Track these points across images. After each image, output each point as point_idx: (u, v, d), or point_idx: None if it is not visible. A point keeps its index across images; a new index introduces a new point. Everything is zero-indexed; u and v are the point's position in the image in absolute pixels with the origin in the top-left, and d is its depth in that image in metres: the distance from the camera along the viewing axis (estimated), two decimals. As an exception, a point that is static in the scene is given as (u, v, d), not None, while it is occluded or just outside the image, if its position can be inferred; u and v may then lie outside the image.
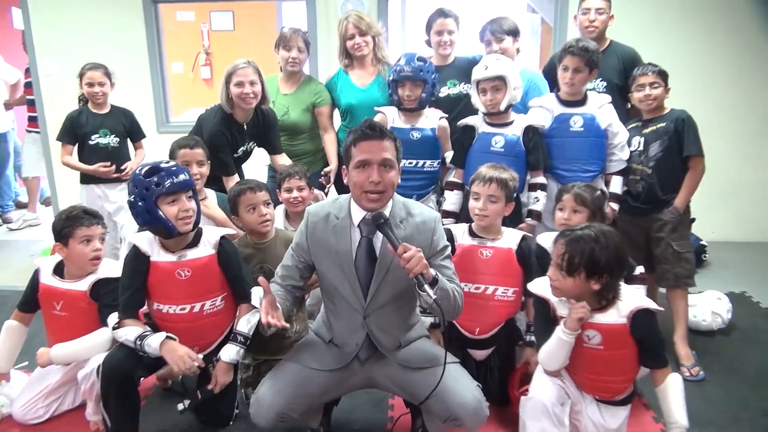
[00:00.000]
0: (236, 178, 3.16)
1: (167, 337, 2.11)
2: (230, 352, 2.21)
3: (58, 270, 2.42)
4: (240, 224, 2.59)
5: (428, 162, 3.07)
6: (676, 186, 2.94)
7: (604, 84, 3.24)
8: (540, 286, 2.06)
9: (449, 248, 2.04)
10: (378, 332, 2.02)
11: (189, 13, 5.76)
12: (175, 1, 5.16)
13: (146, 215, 2.10)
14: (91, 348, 2.30)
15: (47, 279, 2.40)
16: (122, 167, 3.71)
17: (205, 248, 2.25)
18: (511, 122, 2.90)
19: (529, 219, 2.84)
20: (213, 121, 3.12)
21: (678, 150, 2.88)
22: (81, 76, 3.63)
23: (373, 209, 1.91)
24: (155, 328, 2.19)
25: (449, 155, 3.09)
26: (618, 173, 2.99)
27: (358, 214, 1.96)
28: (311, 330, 2.22)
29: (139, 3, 4.92)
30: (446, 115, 3.10)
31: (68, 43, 5.03)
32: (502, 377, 2.47)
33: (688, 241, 3.04)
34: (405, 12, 5.84)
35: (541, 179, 2.88)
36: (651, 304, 1.93)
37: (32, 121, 5.35)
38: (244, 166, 3.42)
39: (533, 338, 2.36)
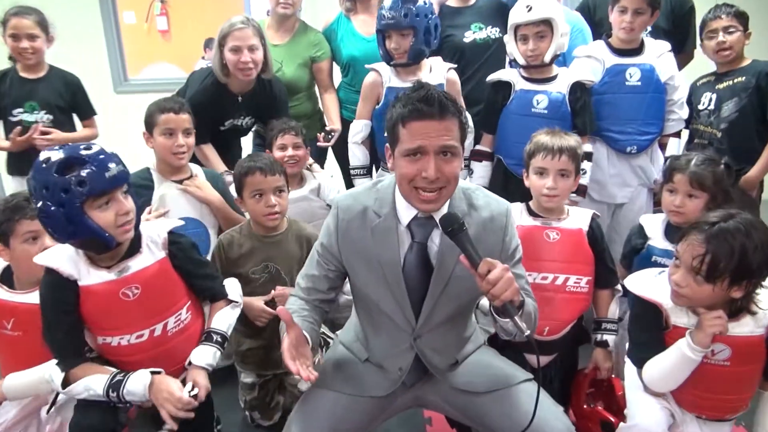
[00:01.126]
0: (208, 150, 2.82)
1: (151, 372, 1.72)
2: (204, 355, 1.84)
3: (6, 278, 1.96)
4: (244, 208, 2.24)
5: None
6: (752, 156, 2.61)
7: (648, 29, 2.86)
8: (644, 286, 1.73)
9: (521, 249, 1.71)
10: (431, 354, 1.71)
11: None
12: None
13: (68, 227, 1.61)
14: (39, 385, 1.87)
15: None
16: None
17: (152, 252, 1.81)
18: (555, 77, 2.56)
19: (574, 194, 2.49)
20: (199, 87, 2.76)
21: (759, 111, 2.57)
22: (4, 24, 2.81)
23: (427, 211, 1.56)
24: (108, 364, 1.79)
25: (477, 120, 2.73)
26: (675, 134, 2.74)
27: (406, 213, 1.60)
28: (339, 341, 1.88)
29: None
30: (454, 66, 2.72)
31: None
32: (564, 386, 2.18)
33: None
34: None
35: (587, 147, 2.55)
36: None
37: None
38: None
39: (604, 336, 2.10)
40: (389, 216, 1.60)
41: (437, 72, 2.66)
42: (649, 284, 1.72)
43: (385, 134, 1.59)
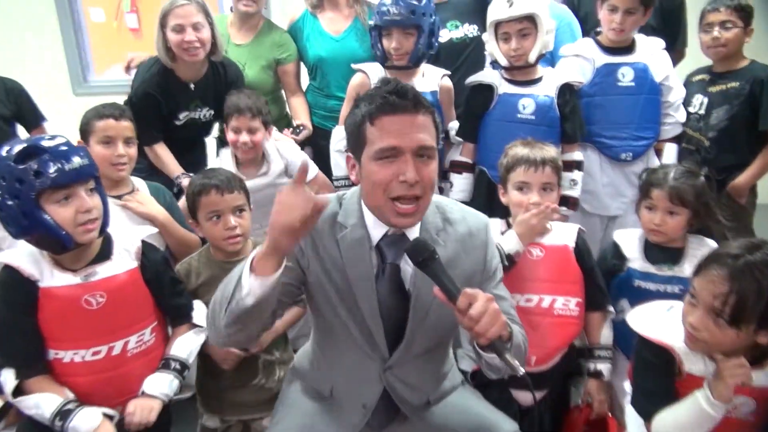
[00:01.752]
0: (160, 150, 2.61)
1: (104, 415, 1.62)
2: (159, 384, 1.72)
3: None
4: (200, 232, 2.02)
5: None
6: (740, 167, 2.49)
7: None
8: (652, 326, 1.53)
9: (501, 268, 1.55)
10: (402, 389, 1.51)
11: None
12: None
13: (22, 221, 1.55)
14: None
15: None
16: None
17: (123, 260, 1.73)
18: (540, 79, 2.40)
19: (564, 208, 2.34)
20: (146, 76, 2.56)
21: (750, 121, 2.44)
22: None
23: (404, 226, 1.38)
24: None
25: (454, 126, 2.56)
26: (673, 140, 2.58)
27: (375, 230, 1.42)
28: (294, 373, 1.72)
29: None
30: (448, 73, 2.55)
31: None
32: (556, 425, 2.01)
33: (749, 234, 2.58)
34: None
35: (577, 155, 2.43)
36: None
37: None
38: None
39: (598, 365, 1.94)
40: (356, 227, 1.41)
41: (430, 78, 2.50)
42: (658, 323, 1.52)
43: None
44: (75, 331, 1.65)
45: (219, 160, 2.52)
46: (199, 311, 1.85)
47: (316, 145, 2.84)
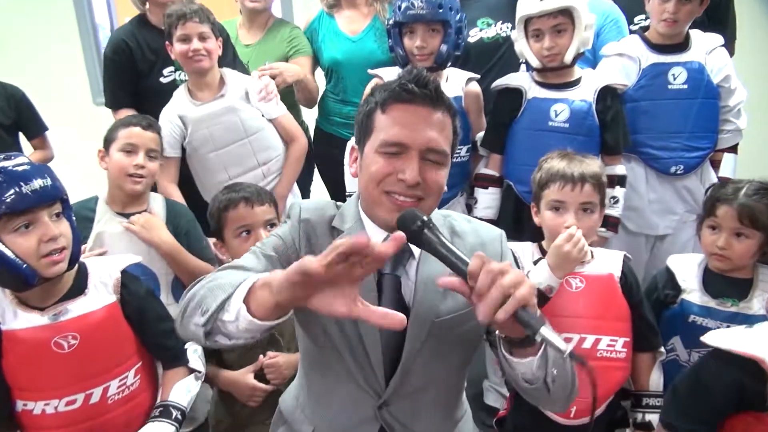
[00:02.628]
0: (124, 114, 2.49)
1: None
2: None
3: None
4: (226, 253, 1.94)
5: None
6: None
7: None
8: (738, 340, 1.37)
9: None
10: (401, 430, 1.31)
11: None
12: None
13: None
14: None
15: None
16: None
17: (99, 295, 1.61)
18: (578, 81, 2.23)
19: (603, 229, 2.17)
20: (122, 27, 2.57)
21: None
22: None
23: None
24: None
25: (482, 137, 2.41)
26: (731, 149, 2.37)
27: (374, 234, 1.27)
28: (283, 416, 1.52)
29: None
30: (477, 77, 2.40)
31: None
32: None
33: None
34: None
35: (620, 169, 2.25)
36: None
37: None
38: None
39: (647, 416, 1.75)
40: (354, 230, 1.29)
41: (455, 82, 2.36)
42: (739, 338, 1.37)
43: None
44: (45, 378, 1.53)
45: (174, 106, 2.39)
46: (194, 353, 1.75)
47: (329, 154, 2.74)
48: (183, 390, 1.68)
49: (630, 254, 1.86)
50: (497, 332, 1.07)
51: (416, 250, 1.25)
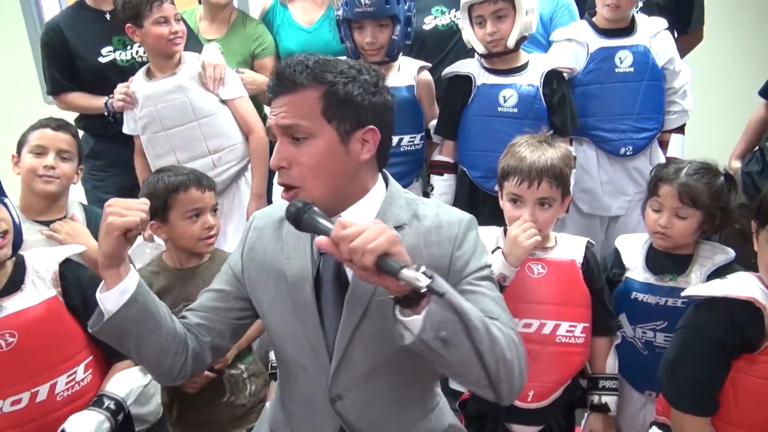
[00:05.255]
0: (71, 97, 2.60)
1: None
2: (85, 423, 1.56)
3: None
4: (164, 234, 1.95)
5: (406, 137, 2.40)
6: None
7: (639, 4, 2.62)
8: (730, 285, 1.46)
9: (489, 269, 1.34)
10: (362, 426, 1.34)
11: None
12: None
13: None
14: None
15: None
16: None
17: (38, 289, 1.61)
18: (524, 66, 2.31)
19: None
20: (57, 15, 2.62)
21: None
22: None
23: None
24: None
25: (435, 124, 2.50)
26: (678, 130, 2.50)
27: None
28: (266, 416, 1.58)
29: None
30: (428, 65, 2.49)
31: None
32: None
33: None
34: None
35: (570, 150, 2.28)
36: None
37: None
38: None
39: (603, 398, 1.82)
40: None
41: (407, 71, 2.43)
42: (737, 283, 1.45)
43: None
44: None
45: (133, 84, 2.43)
46: None
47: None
48: (122, 381, 1.68)
49: (586, 236, 1.94)
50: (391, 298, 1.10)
51: None
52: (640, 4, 2.59)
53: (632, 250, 1.88)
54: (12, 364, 1.53)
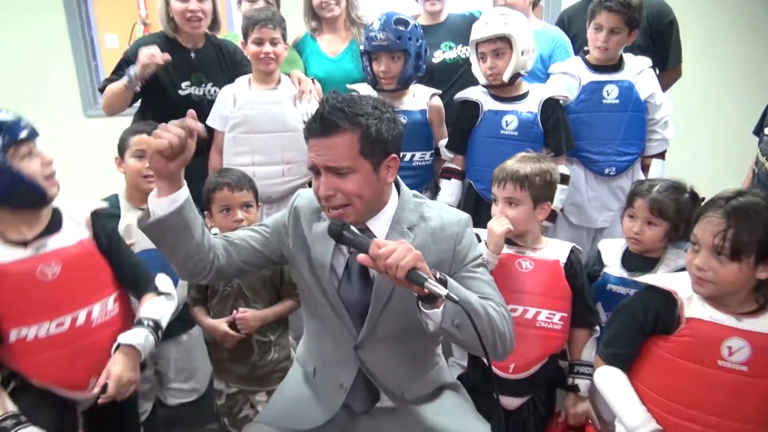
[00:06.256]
0: (108, 89, 2.75)
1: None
2: (135, 336, 1.86)
3: None
4: (211, 223, 2.30)
5: (418, 154, 2.72)
6: None
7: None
8: (658, 277, 1.81)
9: (482, 258, 1.70)
10: (376, 370, 1.70)
11: None
12: None
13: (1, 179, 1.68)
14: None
15: None
16: None
17: (73, 230, 1.85)
18: (525, 95, 2.62)
19: (545, 221, 2.52)
20: (145, 39, 2.81)
21: None
22: None
23: None
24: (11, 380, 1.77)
25: (445, 144, 2.79)
26: (659, 155, 2.78)
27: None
28: (296, 361, 1.95)
29: None
30: (439, 92, 2.78)
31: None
32: (538, 429, 2.17)
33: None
34: None
35: (562, 169, 2.59)
36: None
37: None
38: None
39: (576, 380, 2.10)
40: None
41: (420, 97, 2.73)
42: (666, 277, 1.78)
43: None
44: (35, 303, 1.73)
45: (233, 86, 2.75)
46: (163, 280, 2.03)
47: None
48: (153, 307, 1.93)
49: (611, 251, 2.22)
50: (415, 294, 1.41)
51: (379, 234, 1.60)
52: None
53: (611, 251, 2.18)
54: (58, 291, 1.75)
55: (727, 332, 1.59)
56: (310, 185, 2.82)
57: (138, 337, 1.84)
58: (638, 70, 2.67)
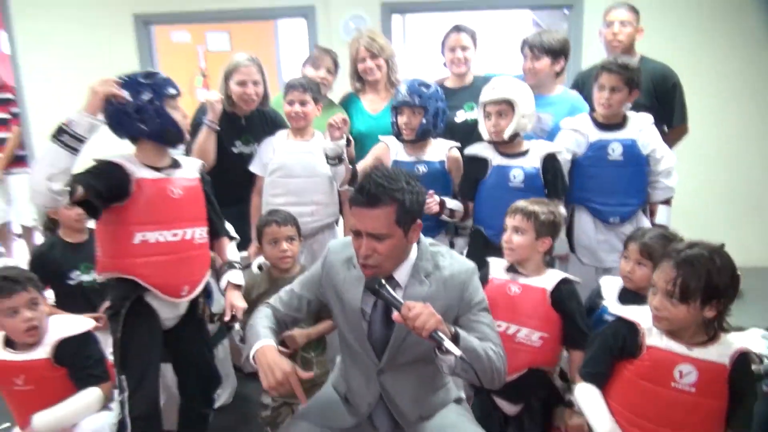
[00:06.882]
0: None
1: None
2: (237, 276, 2.45)
3: (9, 343, 2.34)
4: (259, 254, 2.78)
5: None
6: None
7: (628, 104, 3.17)
8: (627, 310, 2.07)
9: (485, 301, 2.01)
10: (394, 392, 2.02)
11: (184, 34, 6.01)
12: (167, 22, 5.35)
13: (156, 120, 2.19)
14: (80, 411, 2.28)
15: None
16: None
17: (190, 171, 2.39)
18: (527, 151, 2.92)
19: (548, 256, 2.66)
20: (204, 110, 3.20)
21: None
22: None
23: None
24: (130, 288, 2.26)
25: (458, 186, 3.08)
26: (664, 202, 3.05)
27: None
28: (330, 383, 2.26)
29: (131, 24, 5.12)
30: (458, 145, 3.07)
31: (58, 69, 5.18)
32: None
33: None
34: (406, 28, 6.12)
35: (560, 209, 2.77)
36: (752, 350, 1.90)
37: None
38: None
39: (572, 398, 2.27)
40: (360, 270, 1.96)
41: (440, 149, 3.04)
42: (631, 309, 2.04)
43: None
44: (161, 213, 2.23)
45: (274, 138, 3.20)
46: (230, 227, 2.58)
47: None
48: (233, 252, 2.51)
49: (584, 282, 2.49)
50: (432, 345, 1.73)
51: (401, 281, 1.93)
52: (629, 105, 3.10)
53: (610, 287, 2.44)
54: (179, 207, 2.28)
55: (678, 359, 1.85)
56: (336, 223, 3.24)
57: (240, 277, 2.44)
58: (641, 128, 2.91)
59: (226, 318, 2.38)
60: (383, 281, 1.82)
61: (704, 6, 4.64)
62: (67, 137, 1.97)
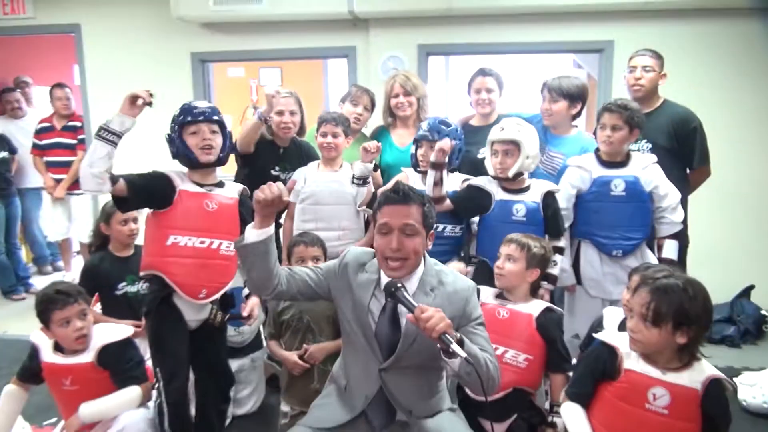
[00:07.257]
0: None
1: None
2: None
3: (60, 345, 2.59)
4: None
5: (449, 226, 3.17)
6: None
7: (649, 146, 3.37)
8: (608, 334, 2.21)
9: (482, 317, 2.17)
10: (394, 389, 2.15)
11: (239, 70, 6.39)
12: (219, 60, 5.67)
13: (177, 145, 2.53)
14: (121, 405, 2.51)
15: (49, 357, 2.56)
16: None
17: (230, 191, 2.66)
18: (528, 187, 3.08)
19: (545, 282, 2.94)
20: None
21: None
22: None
23: (394, 278, 2.07)
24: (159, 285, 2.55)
25: (475, 220, 3.23)
26: (672, 237, 3.14)
27: (385, 278, 2.13)
28: (331, 378, 2.40)
29: (188, 62, 5.51)
30: (470, 178, 3.24)
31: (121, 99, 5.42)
32: None
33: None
34: (449, 72, 6.40)
35: (558, 242, 3.06)
36: (724, 377, 1.99)
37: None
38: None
39: (554, 418, 2.50)
40: (374, 274, 2.16)
41: (453, 180, 3.22)
42: (613, 335, 2.19)
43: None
44: (193, 221, 2.51)
45: (306, 168, 3.42)
46: None
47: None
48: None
49: (590, 313, 2.66)
50: (438, 347, 1.86)
51: (410, 290, 2.05)
52: (649, 146, 3.34)
53: (611, 317, 2.55)
54: (210, 219, 2.54)
55: (652, 382, 1.98)
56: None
57: None
58: (644, 166, 3.05)
59: (245, 313, 2.68)
60: (400, 286, 1.99)
61: (726, 52, 4.71)
62: (104, 132, 2.38)
